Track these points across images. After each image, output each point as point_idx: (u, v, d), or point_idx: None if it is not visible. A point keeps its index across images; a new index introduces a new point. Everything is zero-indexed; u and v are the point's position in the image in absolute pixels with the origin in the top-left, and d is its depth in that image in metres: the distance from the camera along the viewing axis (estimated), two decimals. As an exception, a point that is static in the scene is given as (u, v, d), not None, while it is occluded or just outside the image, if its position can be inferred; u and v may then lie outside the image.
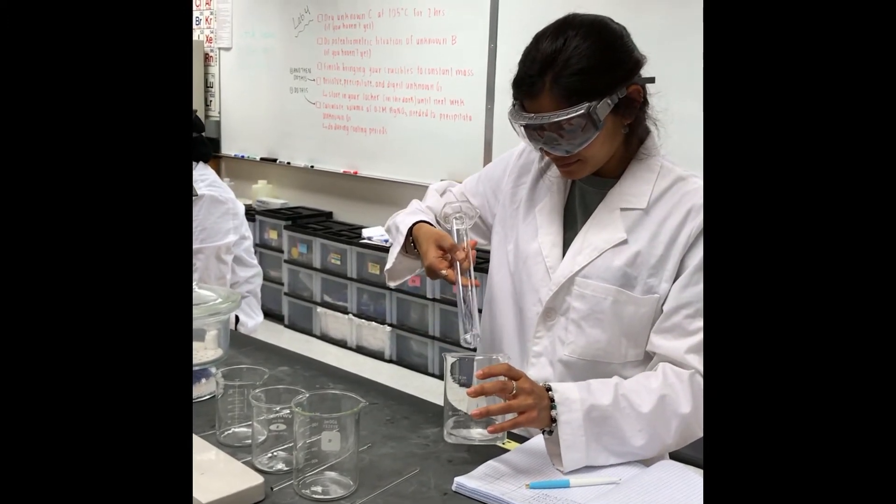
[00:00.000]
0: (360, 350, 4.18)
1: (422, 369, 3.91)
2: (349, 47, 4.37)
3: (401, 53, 4.11)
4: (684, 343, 1.18)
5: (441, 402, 1.19)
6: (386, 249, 3.94)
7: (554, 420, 1.10)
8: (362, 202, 4.57)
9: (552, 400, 1.10)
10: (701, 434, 1.17)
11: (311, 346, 4.22)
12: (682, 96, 2.90)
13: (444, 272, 1.21)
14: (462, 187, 1.48)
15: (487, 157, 3.74)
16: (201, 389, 1.38)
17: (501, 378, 1.08)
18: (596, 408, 1.11)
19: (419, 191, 1.59)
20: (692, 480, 1.10)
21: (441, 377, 3.75)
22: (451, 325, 3.76)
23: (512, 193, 1.37)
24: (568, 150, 1.17)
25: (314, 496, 1.05)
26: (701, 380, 1.16)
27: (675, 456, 1.25)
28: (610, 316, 1.22)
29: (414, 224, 1.34)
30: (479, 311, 1.26)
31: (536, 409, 1.08)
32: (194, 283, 1.43)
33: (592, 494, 1.06)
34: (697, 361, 1.17)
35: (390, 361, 4.05)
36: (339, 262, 4.25)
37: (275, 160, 4.89)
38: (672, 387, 1.15)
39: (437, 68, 3.95)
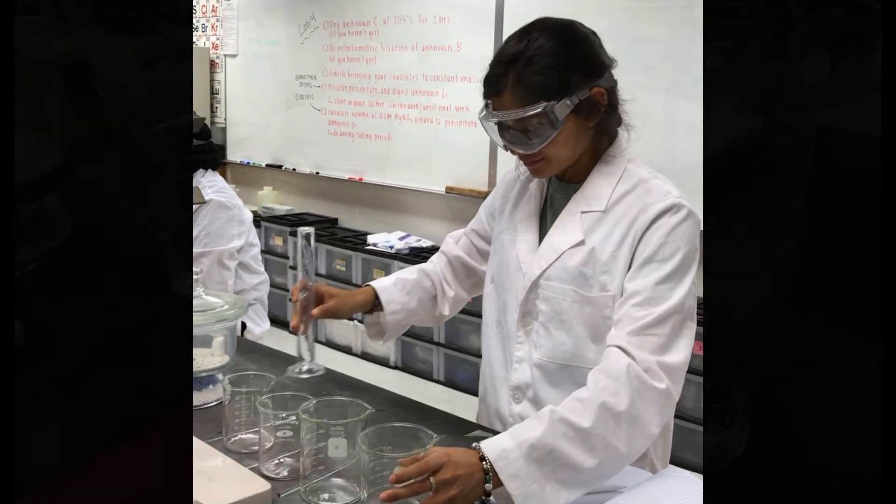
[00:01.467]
0: (366, 356, 4.18)
1: (427, 376, 3.90)
2: (355, 54, 4.38)
3: (406, 60, 4.12)
4: (629, 327, 1.13)
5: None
6: (390, 256, 3.96)
7: (489, 494, 1.02)
8: (367, 208, 4.57)
9: (486, 472, 1.01)
10: (656, 431, 1.09)
11: (316, 353, 4.21)
12: (689, 102, 2.91)
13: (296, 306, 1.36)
14: (471, 223, 1.53)
15: (492, 164, 3.74)
16: (208, 396, 1.38)
17: (412, 481, 0.99)
18: (536, 447, 1.03)
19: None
20: (698, 488, 1.10)
21: (445, 384, 3.71)
22: (457, 331, 3.76)
23: (500, 211, 1.43)
24: (531, 147, 1.20)
25: (321, 503, 1.06)
26: (639, 368, 1.08)
27: (680, 463, 1.24)
28: (571, 317, 1.23)
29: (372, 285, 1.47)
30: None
31: (460, 498, 1.00)
32: (198, 288, 1.43)
33: (597, 501, 1.06)
34: (638, 345, 1.10)
35: (395, 368, 4.05)
36: (344, 269, 4.25)
37: (280, 167, 4.90)
38: (605, 390, 1.07)
39: (442, 75, 3.96)
